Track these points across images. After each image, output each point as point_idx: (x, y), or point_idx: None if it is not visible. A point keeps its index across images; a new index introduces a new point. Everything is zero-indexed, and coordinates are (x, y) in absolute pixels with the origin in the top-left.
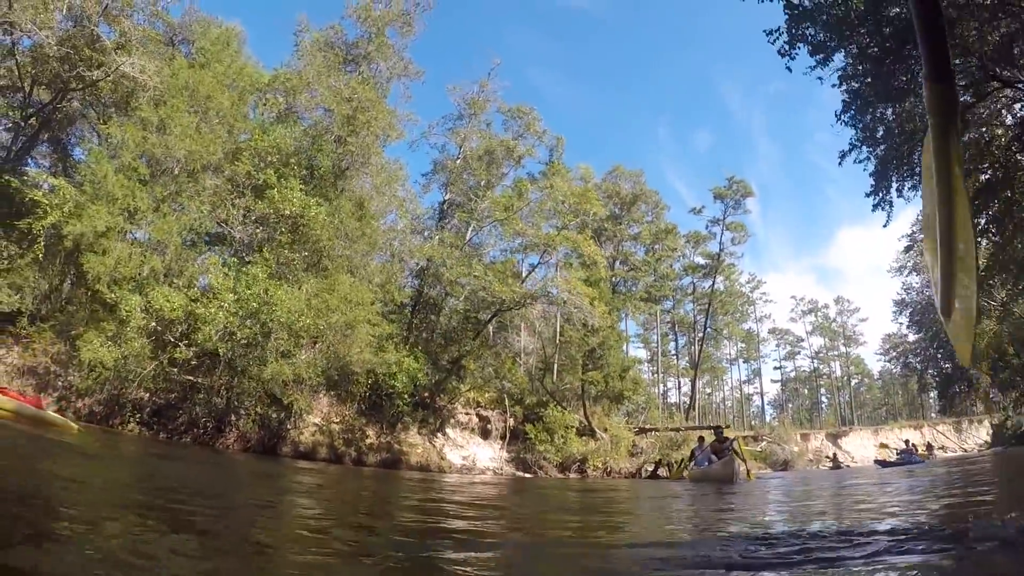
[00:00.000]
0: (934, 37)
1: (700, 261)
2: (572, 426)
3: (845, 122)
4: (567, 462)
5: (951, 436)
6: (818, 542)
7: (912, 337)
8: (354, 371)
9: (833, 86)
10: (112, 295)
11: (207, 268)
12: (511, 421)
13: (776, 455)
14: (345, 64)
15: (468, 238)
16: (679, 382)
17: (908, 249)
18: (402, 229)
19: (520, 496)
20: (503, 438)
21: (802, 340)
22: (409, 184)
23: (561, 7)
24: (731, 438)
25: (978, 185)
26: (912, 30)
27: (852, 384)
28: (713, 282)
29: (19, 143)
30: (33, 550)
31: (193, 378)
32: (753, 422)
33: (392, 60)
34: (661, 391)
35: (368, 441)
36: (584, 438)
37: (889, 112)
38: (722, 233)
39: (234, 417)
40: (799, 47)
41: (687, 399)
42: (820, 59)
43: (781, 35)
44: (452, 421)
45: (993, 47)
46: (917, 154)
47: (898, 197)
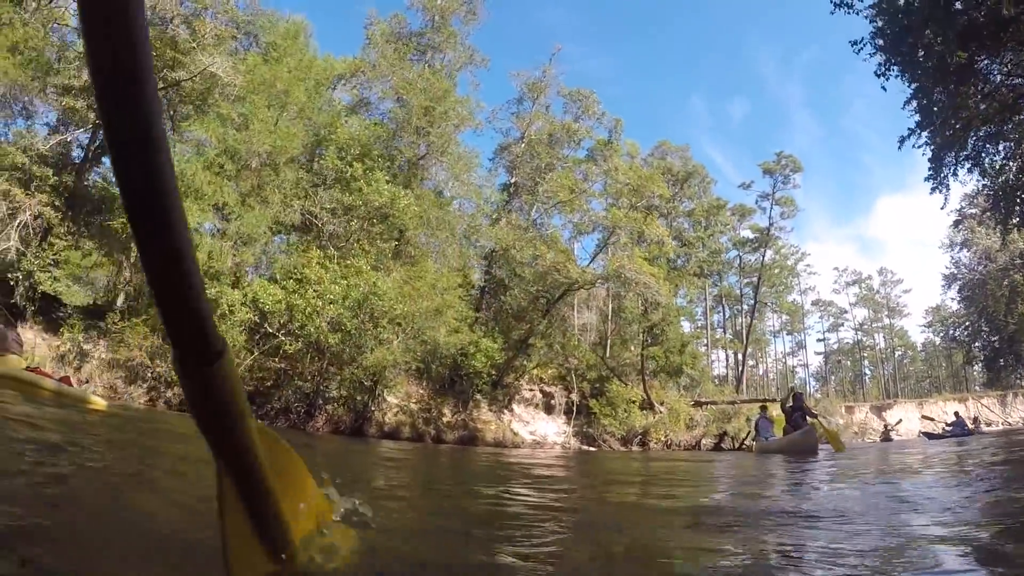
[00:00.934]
0: None
1: (747, 235)
2: (635, 400)
3: (912, 110)
4: (629, 435)
5: (995, 409)
6: None
7: (955, 308)
8: (441, 353)
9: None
10: (213, 290)
11: (309, 260)
12: (574, 396)
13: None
14: (413, 54)
15: (533, 219)
16: (726, 355)
17: (957, 224)
18: (474, 213)
19: (617, 466)
20: (566, 413)
21: (845, 312)
22: (480, 171)
23: None
24: (804, 403)
25: None
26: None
27: (896, 356)
28: (763, 256)
29: (96, 142)
30: None
31: (286, 365)
32: (792, 384)
33: (458, 49)
34: (707, 363)
35: (445, 419)
36: (644, 412)
37: (946, 98)
38: (771, 207)
39: (321, 401)
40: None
41: (731, 371)
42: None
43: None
44: (518, 397)
45: None
46: (973, 138)
47: (954, 180)
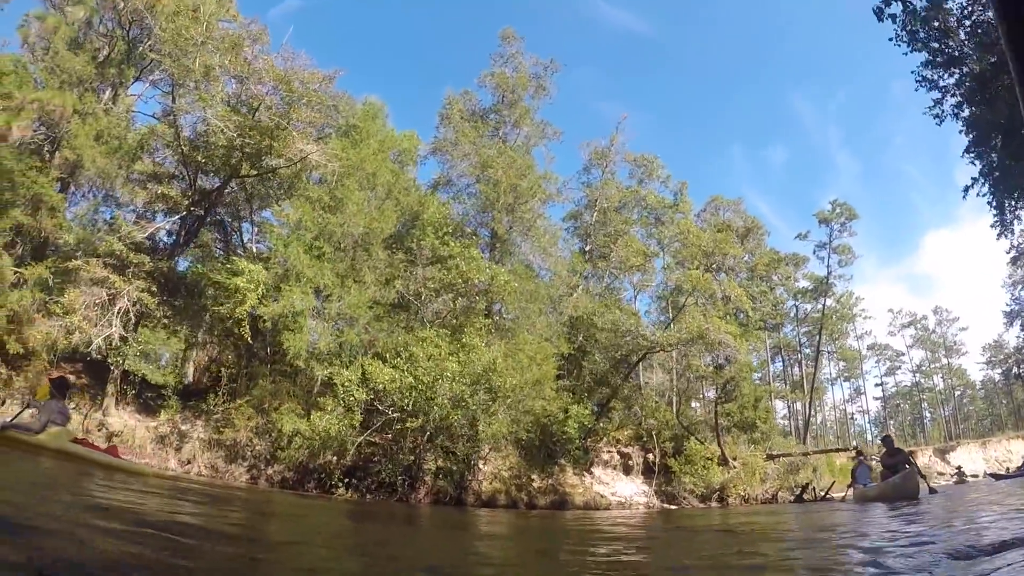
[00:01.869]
0: None
1: (802, 284)
2: (712, 457)
3: (970, 160)
4: (708, 492)
5: None
6: None
7: (1016, 343)
8: (539, 422)
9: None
10: (325, 370)
11: (423, 339)
12: (651, 456)
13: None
14: (490, 132)
15: (607, 284)
16: (787, 405)
17: (1015, 261)
18: (554, 282)
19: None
20: (644, 473)
21: (902, 354)
22: (560, 243)
23: (620, 35)
24: (900, 448)
25: None
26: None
27: (956, 396)
28: (823, 306)
29: (185, 228)
30: None
31: (387, 440)
32: (854, 441)
33: (531, 125)
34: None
35: (535, 485)
36: (720, 468)
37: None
38: (829, 256)
39: (420, 473)
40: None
41: (791, 422)
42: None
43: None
44: (597, 460)
45: None
46: None
47: (1019, 223)
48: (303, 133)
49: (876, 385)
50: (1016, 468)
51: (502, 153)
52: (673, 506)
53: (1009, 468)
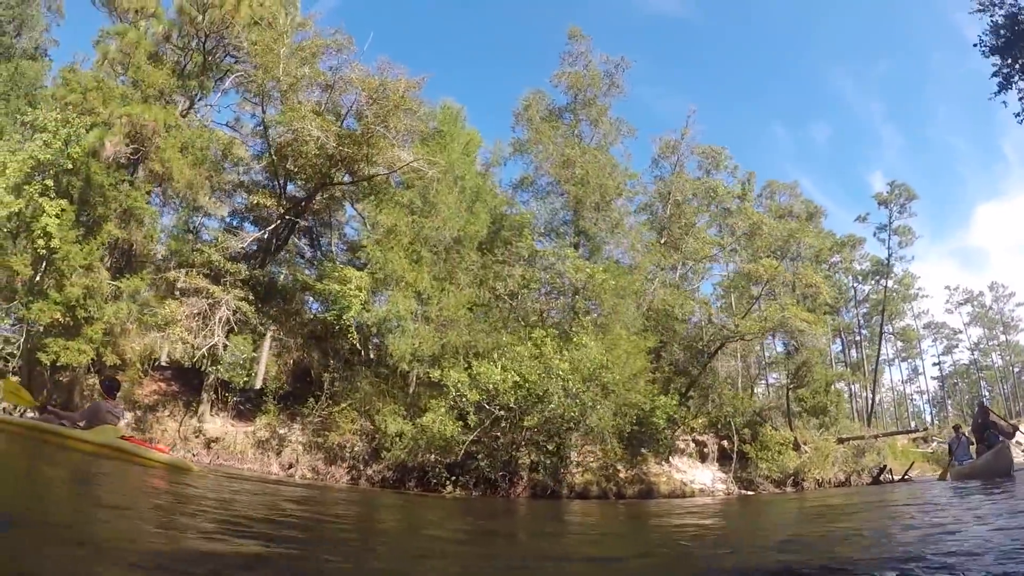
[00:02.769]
0: None
1: (863, 267)
2: (788, 443)
3: None
4: (783, 478)
5: None
6: None
7: None
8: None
9: None
10: (434, 372)
11: (531, 339)
12: (725, 443)
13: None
14: (567, 131)
15: (680, 274)
16: (849, 388)
17: None
18: (639, 277)
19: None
20: (719, 460)
21: (959, 332)
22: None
23: (658, 17)
24: (993, 417)
25: None
26: None
27: (1014, 372)
28: (885, 288)
29: (276, 235)
30: None
31: (488, 436)
32: (912, 422)
33: (607, 123)
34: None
35: (621, 475)
36: (793, 453)
37: None
38: (889, 238)
39: (517, 467)
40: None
41: (851, 404)
42: None
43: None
44: (674, 448)
45: None
46: None
47: None
48: (397, 140)
49: (934, 364)
50: None
51: (585, 152)
52: (750, 492)
53: None
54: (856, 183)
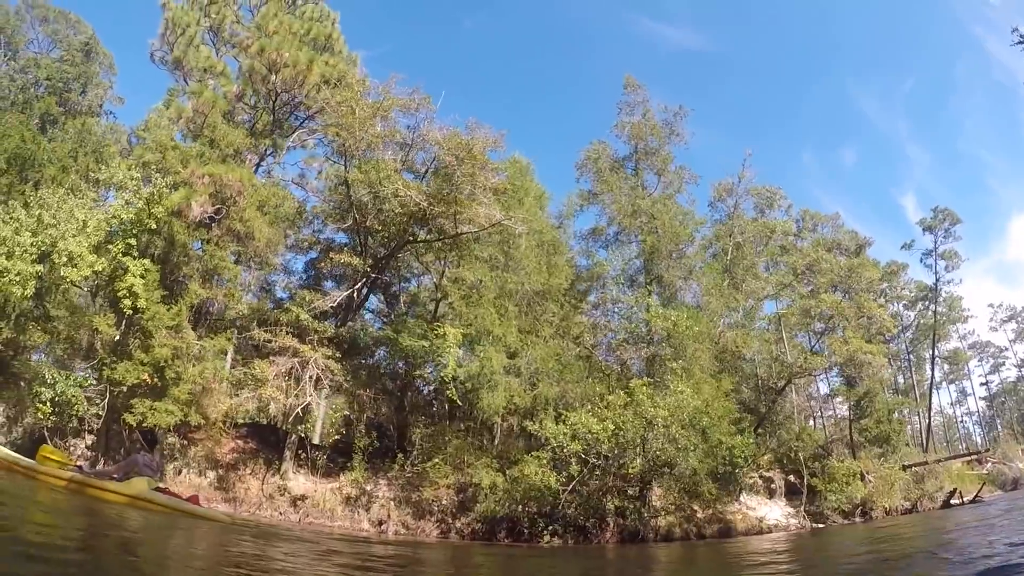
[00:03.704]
0: None
1: (907, 292)
2: (855, 473)
3: None
4: (852, 508)
5: None
6: None
7: None
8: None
9: None
10: (535, 426)
11: (635, 388)
12: (792, 477)
13: (1004, 475)
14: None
15: (743, 313)
16: (900, 413)
17: None
18: (712, 319)
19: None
20: (787, 495)
21: (1004, 350)
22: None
23: (679, 53)
24: None
25: None
26: None
27: None
28: (934, 313)
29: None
30: None
31: (580, 485)
32: (962, 444)
33: (671, 173)
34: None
35: (699, 516)
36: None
37: None
38: (936, 263)
39: (604, 513)
40: None
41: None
42: None
43: None
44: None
45: None
46: None
47: None
48: (485, 197)
49: (981, 384)
50: None
51: (656, 203)
52: (821, 525)
53: None
54: (887, 205)
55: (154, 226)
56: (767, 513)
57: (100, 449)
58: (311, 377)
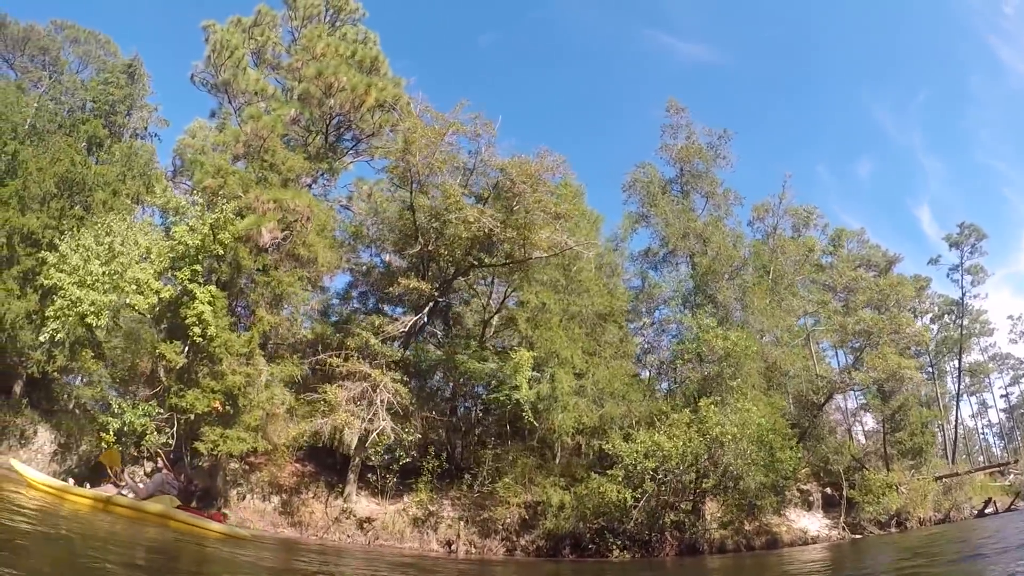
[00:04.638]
0: None
1: (931, 306)
2: (892, 485)
3: None
4: (887, 519)
5: None
6: None
7: None
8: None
9: None
10: (609, 445)
11: (703, 407)
12: (829, 489)
13: None
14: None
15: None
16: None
17: None
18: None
19: None
20: (823, 507)
21: None
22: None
23: (693, 67)
24: None
25: None
26: None
27: None
28: (961, 327)
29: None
30: None
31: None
32: (981, 456)
33: (718, 195)
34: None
35: (746, 528)
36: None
37: None
38: (962, 279)
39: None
40: None
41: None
42: None
43: None
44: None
45: None
46: None
47: None
48: (552, 222)
49: (1001, 396)
50: None
51: (708, 225)
52: (858, 535)
53: None
54: (903, 217)
55: (220, 252)
56: (806, 524)
57: None
58: (382, 401)
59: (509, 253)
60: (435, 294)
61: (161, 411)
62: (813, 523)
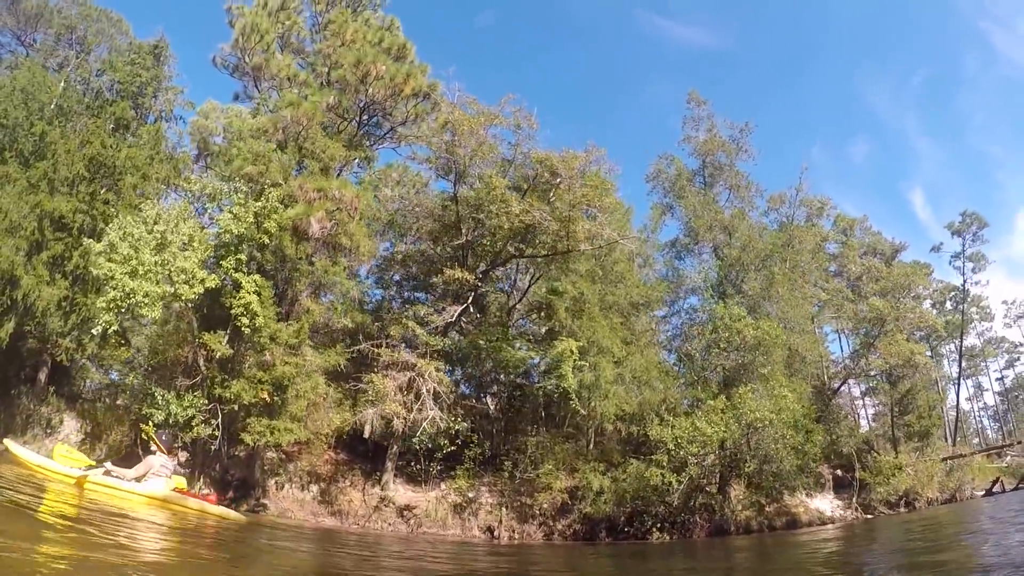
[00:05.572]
0: None
1: (934, 291)
2: (901, 466)
3: None
4: (896, 499)
5: None
6: None
7: None
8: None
9: None
10: (653, 431)
11: (742, 394)
12: (839, 471)
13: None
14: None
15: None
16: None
17: None
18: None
19: None
20: (834, 488)
21: (1020, 345)
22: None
23: (690, 50)
24: None
25: None
26: None
27: None
28: (963, 312)
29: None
30: None
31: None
32: (975, 438)
33: (742, 187)
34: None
35: (767, 509)
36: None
37: None
38: (964, 267)
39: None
40: None
41: None
42: None
43: None
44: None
45: None
46: None
47: None
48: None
49: (996, 380)
50: None
51: (734, 218)
52: (870, 515)
53: None
54: (896, 199)
55: (266, 241)
56: (817, 504)
57: (197, 466)
58: (428, 391)
59: (553, 245)
60: (477, 283)
61: (206, 402)
62: (826, 504)
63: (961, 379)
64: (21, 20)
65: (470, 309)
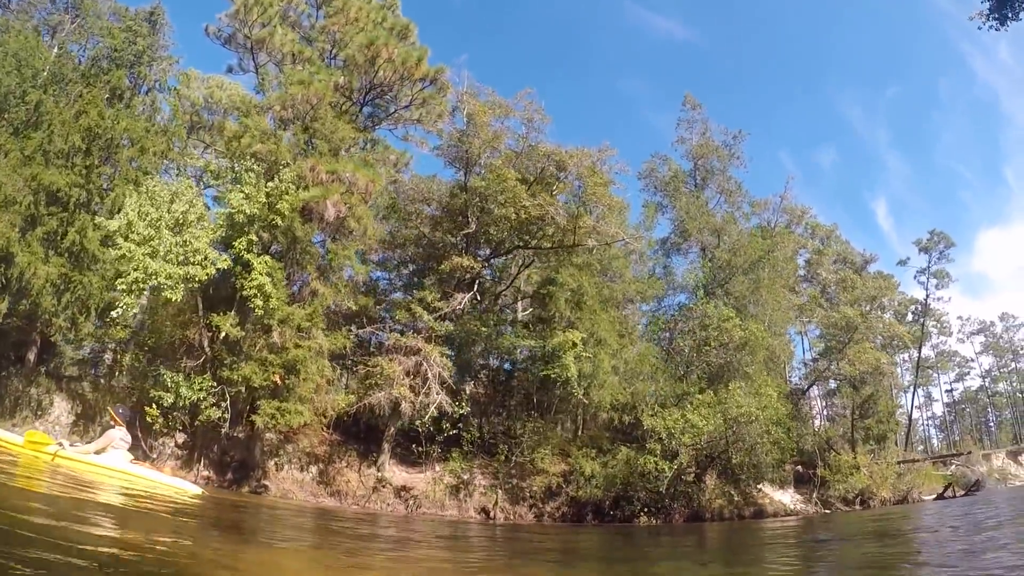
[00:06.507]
0: None
1: (895, 302)
2: (858, 466)
3: None
4: (853, 497)
5: None
6: None
7: None
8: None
9: None
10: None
11: (733, 389)
12: (800, 468)
13: (967, 476)
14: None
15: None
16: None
17: None
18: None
19: None
20: (795, 484)
21: (971, 360)
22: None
23: (665, 42)
24: None
25: None
26: None
27: (1022, 399)
28: (923, 326)
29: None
30: None
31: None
32: (919, 447)
33: (732, 192)
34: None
35: (736, 500)
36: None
37: None
38: (928, 282)
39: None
40: None
41: None
42: None
43: None
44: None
45: None
46: None
47: None
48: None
49: (946, 391)
50: None
51: (726, 223)
52: (828, 510)
53: None
54: (859, 208)
55: (279, 222)
56: (780, 498)
57: (197, 448)
58: (434, 375)
59: (560, 239)
60: (482, 271)
61: (214, 384)
62: (787, 497)
63: (916, 388)
64: None
65: (477, 297)
